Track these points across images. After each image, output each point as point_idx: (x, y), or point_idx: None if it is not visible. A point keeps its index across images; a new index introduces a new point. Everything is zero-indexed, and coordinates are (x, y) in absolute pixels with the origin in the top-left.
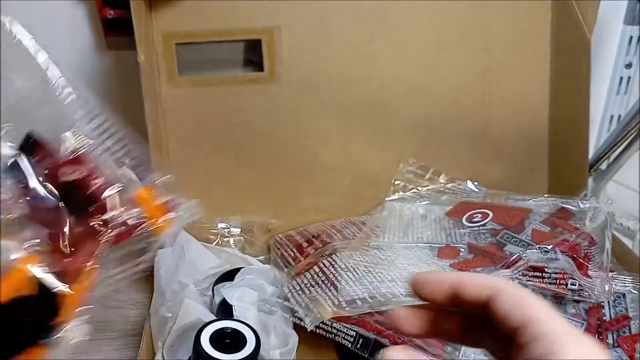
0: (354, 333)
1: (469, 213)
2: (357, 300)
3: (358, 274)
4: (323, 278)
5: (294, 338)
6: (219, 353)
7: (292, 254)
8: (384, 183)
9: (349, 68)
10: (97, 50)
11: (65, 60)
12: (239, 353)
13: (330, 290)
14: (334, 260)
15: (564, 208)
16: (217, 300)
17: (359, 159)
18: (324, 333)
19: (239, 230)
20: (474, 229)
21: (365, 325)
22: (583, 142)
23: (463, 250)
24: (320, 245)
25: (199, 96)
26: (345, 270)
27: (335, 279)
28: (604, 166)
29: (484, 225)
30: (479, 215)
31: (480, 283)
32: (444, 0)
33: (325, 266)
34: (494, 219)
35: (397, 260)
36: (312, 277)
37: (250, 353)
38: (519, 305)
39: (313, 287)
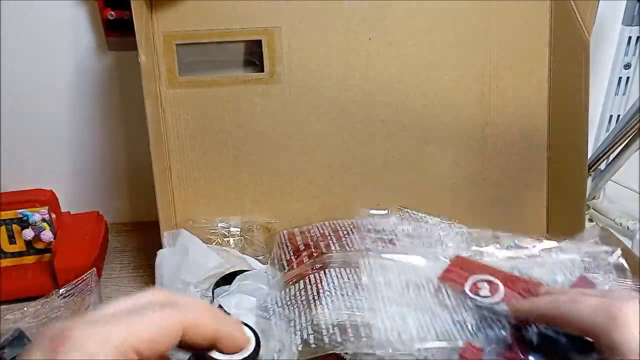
0: None
1: (471, 281)
2: (324, 329)
3: (339, 298)
4: (303, 298)
5: (295, 345)
6: (218, 353)
7: (288, 257)
8: (385, 183)
9: (349, 68)
10: (97, 51)
11: (66, 60)
12: (238, 353)
13: (304, 315)
14: (320, 277)
15: (584, 278)
16: (216, 305)
17: (359, 159)
18: None
19: (239, 230)
20: (485, 307)
21: None
22: (582, 142)
23: (488, 350)
24: (315, 255)
25: (199, 97)
26: (327, 291)
27: (314, 302)
28: (603, 166)
29: (497, 303)
30: (486, 287)
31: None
32: (443, 0)
33: (311, 283)
34: (506, 298)
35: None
36: (295, 294)
37: (250, 354)
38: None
39: (292, 306)
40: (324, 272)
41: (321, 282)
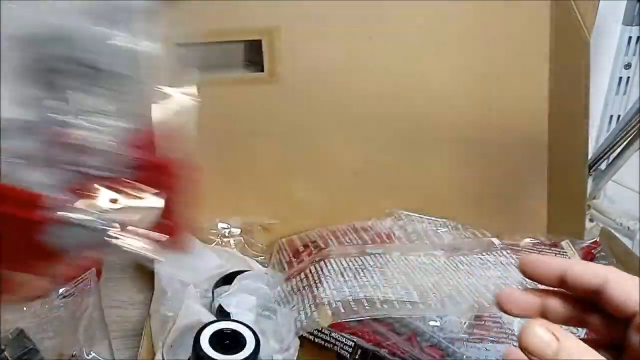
0: (352, 343)
1: None
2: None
3: (340, 280)
4: (305, 284)
5: (295, 343)
6: (218, 354)
7: (288, 259)
8: (385, 183)
9: (349, 69)
10: None
11: None
12: (238, 354)
13: (306, 298)
14: (321, 266)
15: None
16: (216, 304)
17: (359, 159)
18: (323, 342)
19: (239, 230)
20: None
21: (364, 335)
22: (582, 142)
23: None
24: (315, 252)
25: (199, 96)
26: (328, 276)
27: (316, 285)
28: (603, 166)
29: None
30: None
31: (589, 272)
32: (443, 0)
33: (311, 272)
34: None
35: (386, 267)
36: (296, 284)
37: (250, 354)
38: (631, 295)
39: (294, 295)
40: (324, 262)
41: (322, 270)
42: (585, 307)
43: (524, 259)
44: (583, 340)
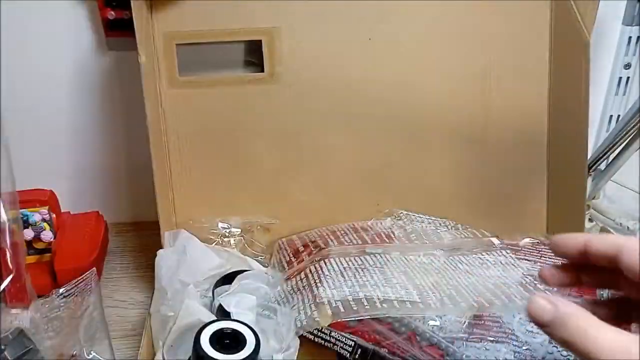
0: (352, 343)
1: None
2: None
3: (340, 280)
4: (305, 283)
5: (295, 343)
6: (218, 353)
7: (288, 259)
8: (385, 183)
9: (349, 69)
10: (97, 51)
11: (66, 60)
12: (238, 354)
13: (306, 298)
14: (321, 266)
15: None
16: (217, 304)
17: (359, 159)
18: (323, 342)
19: (239, 230)
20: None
21: (364, 335)
22: (582, 142)
23: None
24: (315, 251)
25: (199, 97)
26: (328, 275)
27: (315, 284)
28: (603, 166)
29: None
30: None
31: (605, 242)
32: (443, 0)
33: (311, 272)
34: None
35: (385, 267)
36: (296, 283)
37: (250, 354)
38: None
39: (294, 294)
40: (324, 261)
41: (322, 269)
42: (613, 273)
43: (555, 239)
44: (619, 299)
